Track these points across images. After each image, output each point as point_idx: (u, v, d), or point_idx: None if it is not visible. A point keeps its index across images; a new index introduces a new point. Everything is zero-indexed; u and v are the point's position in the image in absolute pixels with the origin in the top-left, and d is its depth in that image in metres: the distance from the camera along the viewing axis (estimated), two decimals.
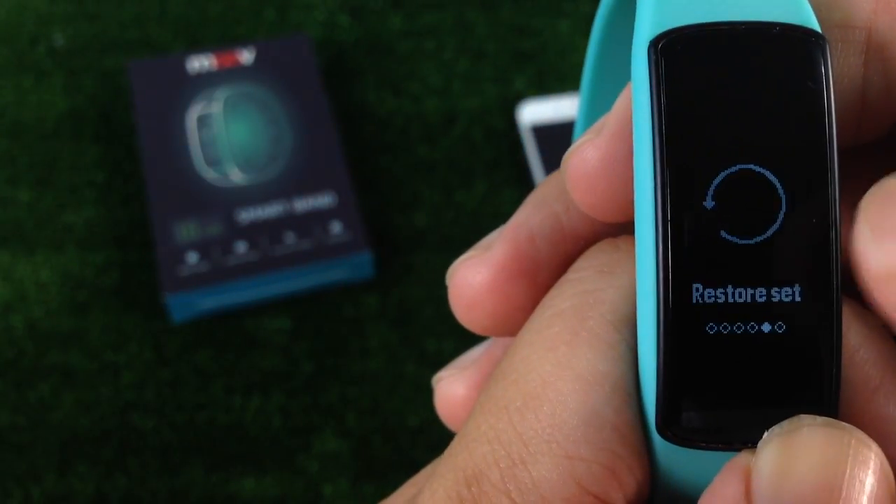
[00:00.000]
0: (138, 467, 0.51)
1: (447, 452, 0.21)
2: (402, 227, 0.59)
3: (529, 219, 0.23)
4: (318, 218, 0.57)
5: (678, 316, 0.18)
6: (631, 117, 0.19)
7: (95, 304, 0.56)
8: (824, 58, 0.18)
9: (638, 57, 0.18)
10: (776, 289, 0.18)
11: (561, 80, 0.65)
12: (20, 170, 0.61)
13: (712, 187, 0.18)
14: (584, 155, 0.21)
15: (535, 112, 0.63)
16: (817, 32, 0.18)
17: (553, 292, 0.21)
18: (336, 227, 0.57)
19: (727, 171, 0.18)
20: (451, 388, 0.25)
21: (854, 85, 0.20)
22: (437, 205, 0.60)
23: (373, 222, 0.59)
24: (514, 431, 0.19)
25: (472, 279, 0.23)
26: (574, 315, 0.20)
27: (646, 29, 0.18)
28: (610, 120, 0.21)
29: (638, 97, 0.18)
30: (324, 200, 0.57)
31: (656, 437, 0.19)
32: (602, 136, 0.20)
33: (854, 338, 0.19)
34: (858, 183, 0.22)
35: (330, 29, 0.67)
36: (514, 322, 0.22)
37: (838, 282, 0.18)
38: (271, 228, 0.56)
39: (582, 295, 0.20)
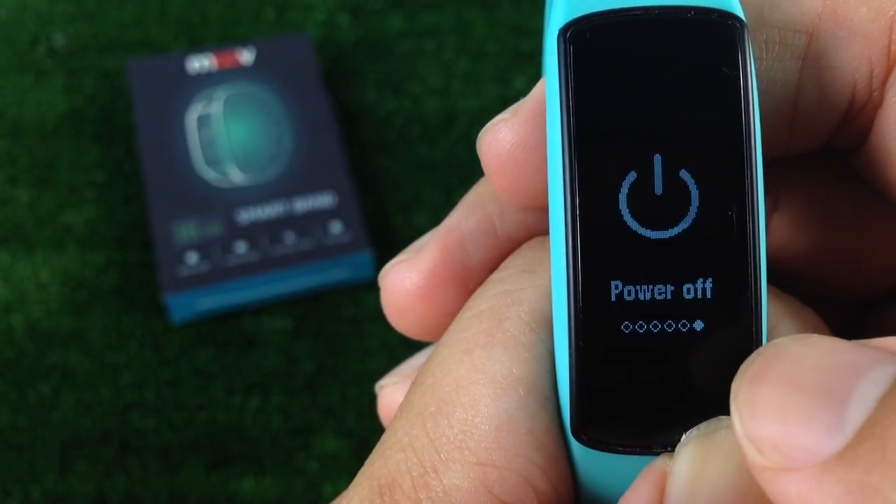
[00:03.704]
0: (138, 467, 0.51)
1: (367, 460, 0.20)
2: (402, 227, 0.59)
3: (462, 222, 0.22)
4: (318, 218, 0.57)
5: (591, 314, 0.17)
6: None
7: (95, 304, 0.56)
8: (741, 42, 0.17)
9: (548, 47, 0.17)
10: (693, 284, 0.17)
11: None
12: (20, 170, 0.61)
13: (624, 180, 0.17)
14: (497, 135, 0.20)
15: None
16: (734, 15, 0.17)
17: (476, 293, 0.20)
18: (336, 227, 0.57)
19: (639, 164, 0.17)
20: (393, 396, 0.25)
21: (787, 90, 0.19)
22: (437, 205, 0.60)
23: (373, 222, 0.59)
24: (428, 438, 0.19)
25: (402, 283, 0.22)
26: (491, 316, 0.19)
27: (557, 17, 0.17)
28: (525, 104, 0.20)
29: (549, 89, 0.17)
30: (324, 200, 0.57)
31: (574, 442, 0.18)
32: (516, 119, 0.20)
33: (785, 334, 0.18)
34: (795, 192, 0.21)
35: (330, 29, 0.67)
36: (445, 327, 0.21)
37: (759, 276, 0.17)
38: (271, 228, 0.56)
39: (501, 295, 0.20)
